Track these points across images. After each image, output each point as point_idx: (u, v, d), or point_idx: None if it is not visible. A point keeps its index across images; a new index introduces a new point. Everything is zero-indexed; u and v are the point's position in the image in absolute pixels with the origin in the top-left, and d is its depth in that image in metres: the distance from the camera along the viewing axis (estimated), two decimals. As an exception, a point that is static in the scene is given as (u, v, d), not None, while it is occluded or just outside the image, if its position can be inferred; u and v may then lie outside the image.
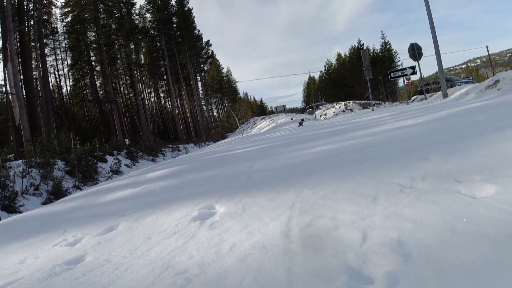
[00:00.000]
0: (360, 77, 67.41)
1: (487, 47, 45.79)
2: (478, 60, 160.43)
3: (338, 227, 1.74)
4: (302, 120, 21.07)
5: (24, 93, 19.58)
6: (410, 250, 1.38)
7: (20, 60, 20.56)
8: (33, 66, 28.70)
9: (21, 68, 21.84)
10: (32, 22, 26.94)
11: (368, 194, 2.15)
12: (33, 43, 30.17)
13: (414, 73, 19.74)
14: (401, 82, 71.07)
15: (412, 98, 23.75)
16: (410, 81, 24.07)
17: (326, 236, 1.66)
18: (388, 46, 67.62)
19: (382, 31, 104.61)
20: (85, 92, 44.23)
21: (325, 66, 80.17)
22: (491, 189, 1.87)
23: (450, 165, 2.48)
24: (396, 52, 67.73)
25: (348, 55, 72.96)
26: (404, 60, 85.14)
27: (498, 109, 5.78)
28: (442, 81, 14.69)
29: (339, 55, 76.78)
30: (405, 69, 20.41)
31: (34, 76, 30.15)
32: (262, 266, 1.51)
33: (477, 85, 12.74)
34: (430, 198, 1.90)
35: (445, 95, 14.32)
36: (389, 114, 11.44)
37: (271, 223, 1.97)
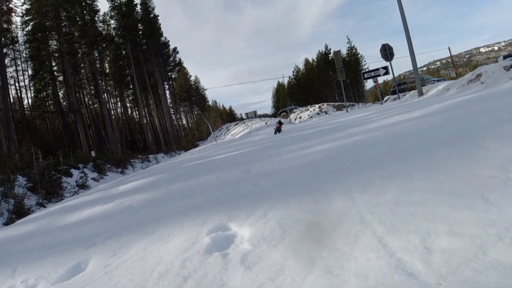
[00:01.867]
0: (328, 81, 68.36)
1: (449, 48, 47.15)
2: (438, 62, 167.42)
3: (485, 248, 1.05)
4: (280, 123, 13.63)
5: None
6: None
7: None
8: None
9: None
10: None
11: (463, 193, 1.53)
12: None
13: (387, 73, 19.70)
14: (367, 85, 73.19)
15: (385, 98, 23.79)
16: (377, 83, 24.20)
17: (486, 270, 0.96)
18: (354, 51, 68.90)
19: (348, 36, 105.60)
20: (47, 103, 41.82)
21: (293, 72, 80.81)
22: None
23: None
24: (362, 56, 69.15)
25: (315, 60, 73.77)
26: (370, 63, 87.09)
27: (496, 100, 5.41)
28: (417, 79, 14.58)
29: (306, 60, 77.56)
30: (378, 69, 20.35)
31: (-6, 88, 28.04)
32: None
33: (456, 81, 12.62)
34: None
35: (420, 93, 14.19)
36: (371, 113, 10.98)
37: (355, 252, 1.26)
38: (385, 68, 19.48)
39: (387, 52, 16.85)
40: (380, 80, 24.18)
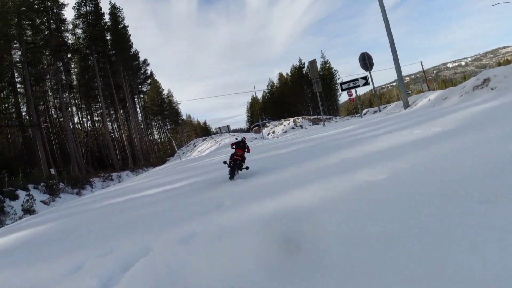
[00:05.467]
0: (302, 95, 68.02)
1: (421, 62, 47.48)
2: (408, 78, 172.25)
3: None
4: (240, 145, 5.38)
5: None
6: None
7: None
8: None
9: None
10: None
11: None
12: None
13: (367, 83, 18.66)
14: (341, 99, 73.42)
15: (364, 111, 22.82)
16: (352, 97, 23.25)
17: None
18: (328, 65, 68.91)
19: (321, 51, 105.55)
20: (6, 117, 38.81)
21: (267, 86, 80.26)
22: None
23: None
24: (336, 70, 69.26)
25: (290, 74, 73.49)
26: (343, 77, 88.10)
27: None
28: (403, 89, 13.53)
29: (280, 75, 77.27)
30: (357, 79, 19.29)
31: None
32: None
33: (455, 88, 11.52)
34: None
35: (406, 105, 13.15)
36: (354, 127, 9.68)
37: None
38: (365, 78, 18.47)
39: (366, 61, 15.93)
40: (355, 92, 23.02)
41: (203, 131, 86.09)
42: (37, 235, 4.20)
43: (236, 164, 4.98)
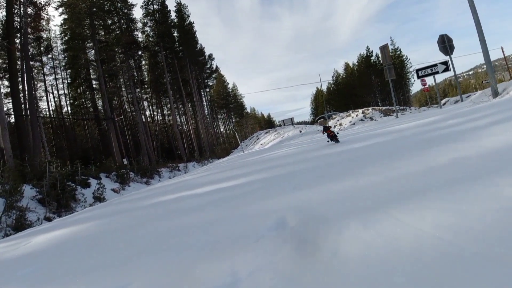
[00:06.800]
0: (370, 86, 64.79)
1: (502, 48, 41.48)
2: (485, 66, 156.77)
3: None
4: (326, 128, 8.05)
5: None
6: None
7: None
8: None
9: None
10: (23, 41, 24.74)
11: None
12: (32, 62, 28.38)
13: (447, 69, 16.50)
14: (413, 89, 68.57)
15: (443, 101, 20.62)
16: (426, 86, 21.13)
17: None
18: (398, 52, 64.67)
19: (391, 37, 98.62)
20: (83, 111, 42.09)
21: (332, 77, 77.82)
22: None
23: None
24: (407, 58, 64.77)
25: (356, 64, 70.49)
26: (416, 65, 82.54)
27: None
28: (491, 75, 11.68)
29: (346, 64, 74.46)
30: (435, 65, 17.10)
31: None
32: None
33: None
34: None
35: (495, 93, 11.30)
36: (439, 118, 8.23)
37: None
38: (445, 63, 16.35)
39: (446, 44, 14.09)
40: (429, 80, 20.65)
41: (267, 123, 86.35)
42: (69, 238, 3.71)
43: (332, 137, 7.75)
